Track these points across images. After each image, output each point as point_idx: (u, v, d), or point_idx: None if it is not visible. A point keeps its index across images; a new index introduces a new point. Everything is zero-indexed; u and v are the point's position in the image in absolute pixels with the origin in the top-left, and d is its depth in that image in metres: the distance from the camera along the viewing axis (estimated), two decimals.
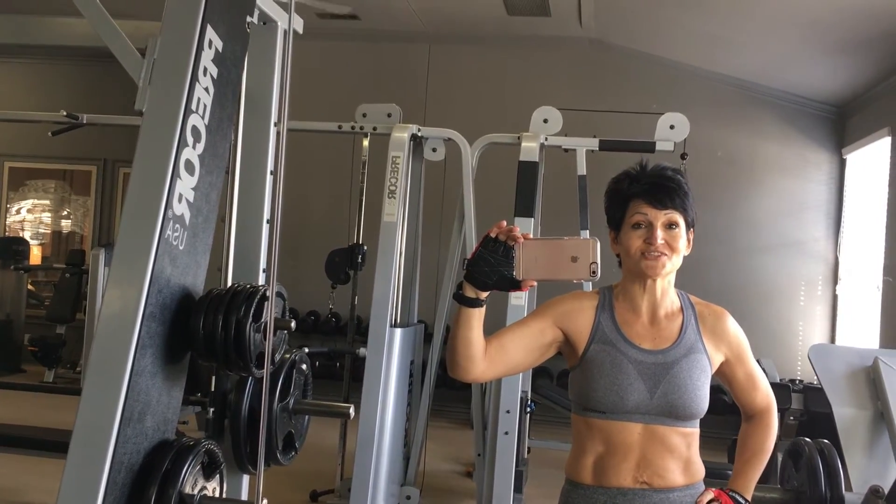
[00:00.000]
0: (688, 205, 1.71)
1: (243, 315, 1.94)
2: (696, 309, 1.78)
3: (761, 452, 1.81)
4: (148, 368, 1.83)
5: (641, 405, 1.67)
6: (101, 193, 9.26)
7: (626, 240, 1.71)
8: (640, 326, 1.74)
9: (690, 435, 1.72)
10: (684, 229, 1.71)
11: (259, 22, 2.42)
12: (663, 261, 1.68)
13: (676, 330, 1.73)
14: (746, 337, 1.82)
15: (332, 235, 5.74)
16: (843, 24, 5.57)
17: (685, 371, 1.69)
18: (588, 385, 1.71)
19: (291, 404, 2.40)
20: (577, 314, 1.76)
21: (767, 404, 1.81)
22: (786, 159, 7.38)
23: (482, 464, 4.13)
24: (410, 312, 4.48)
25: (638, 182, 1.72)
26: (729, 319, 1.79)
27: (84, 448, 1.71)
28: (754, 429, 1.82)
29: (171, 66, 1.92)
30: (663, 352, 1.71)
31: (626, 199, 1.72)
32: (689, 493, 1.71)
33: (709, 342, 1.75)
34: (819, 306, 7.33)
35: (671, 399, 1.67)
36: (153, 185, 1.86)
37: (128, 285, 1.80)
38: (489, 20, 7.02)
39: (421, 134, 4.25)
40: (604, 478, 1.71)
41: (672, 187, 1.69)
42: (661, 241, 1.68)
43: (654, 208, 1.68)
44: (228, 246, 2.36)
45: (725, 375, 1.80)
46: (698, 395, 1.69)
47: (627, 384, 1.68)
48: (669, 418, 1.68)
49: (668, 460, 1.69)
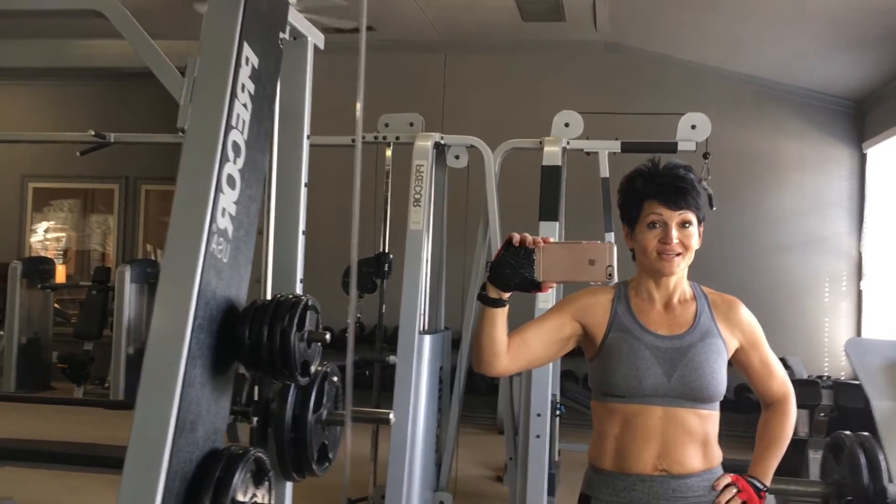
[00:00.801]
0: (700, 203, 1.78)
1: (287, 325, 1.98)
2: (709, 298, 1.85)
3: (780, 440, 1.84)
4: (198, 379, 1.87)
5: (660, 388, 1.74)
6: (123, 211, 9.38)
7: (642, 238, 1.78)
8: (655, 314, 1.81)
9: (709, 417, 1.77)
10: (696, 225, 1.78)
11: (290, 37, 2.47)
12: (678, 259, 1.76)
13: (691, 316, 1.80)
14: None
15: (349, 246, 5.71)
16: (860, 20, 5.58)
17: (702, 354, 1.75)
18: (607, 371, 1.78)
19: (325, 415, 2.44)
20: (595, 308, 1.84)
21: (785, 392, 1.87)
22: (806, 156, 7.37)
23: (514, 468, 4.15)
24: (438, 319, 4.51)
25: (652, 182, 1.79)
26: (741, 307, 1.86)
27: (140, 459, 1.75)
28: (772, 416, 1.86)
29: (211, 84, 1.97)
30: (679, 337, 1.77)
31: (640, 198, 1.79)
32: (707, 478, 1.76)
33: (723, 327, 1.81)
34: (844, 302, 7.30)
35: (688, 381, 1.73)
36: (198, 201, 1.90)
37: (177, 298, 1.84)
38: (504, 27, 7.07)
39: (444, 142, 4.29)
40: (624, 464, 1.77)
41: (685, 188, 1.77)
42: (677, 240, 1.75)
43: (668, 209, 1.75)
44: (267, 257, 2.40)
45: (741, 363, 1.86)
46: (715, 377, 1.74)
47: (645, 368, 1.74)
48: (688, 400, 1.74)
49: (688, 446, 1.74)
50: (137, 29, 2.04)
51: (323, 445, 2.42)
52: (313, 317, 2.10)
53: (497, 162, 4.30)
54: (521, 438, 4.05)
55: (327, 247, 6.98)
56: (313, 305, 2.09)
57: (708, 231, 1.85)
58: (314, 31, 2.52)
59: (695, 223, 1.77)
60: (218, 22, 2.02)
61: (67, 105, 9.14)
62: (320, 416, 2.39)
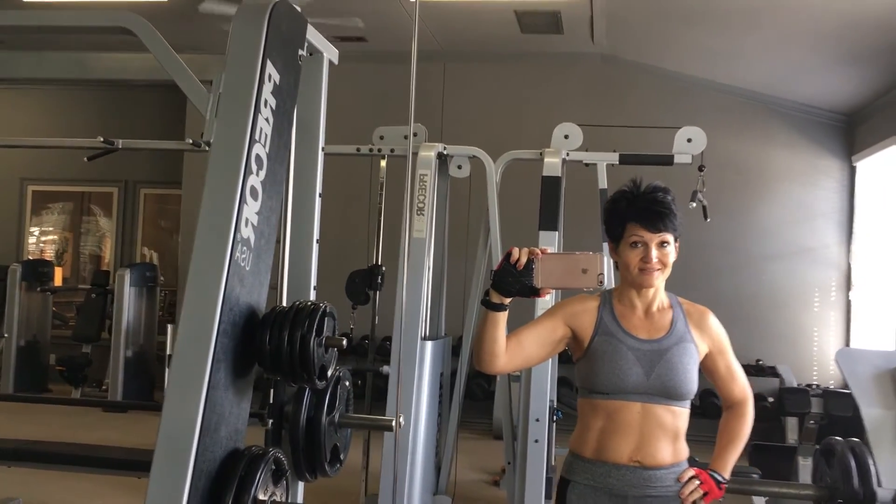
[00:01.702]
0: (676, 223, 1.99)
1: (307, 330, 2.07)
2: (683, 307, 2.07)
3: (738, 439, 2.06)
4: (222, 382, 1.96)
5: (639, 386, 1.95)
6: (122, 215, 9.44)
7: (625, 255, 2.00)
8: (636, 320, 2.03)
9: (680, 414, 1.99)
10: (673, 244, 2.00)
11: (307, 53, 2.56)
12: (657, 275, 1.98)
13: (668, 323, 2.02)
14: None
15: (345, 257, 5.71)
16: (851, 36, 5.71)
17: (677, 356, 1.97)
18: (593, 370, 2.00)
19: (337, 418, 2.53)
20: (583, 314, 2.05)
21: (745, 396, 2.09)
22: (796, 168, 7.50)
23: (512, 472, 4.23)
24: (438, 325, 4.60)
25: (633, 205, 1.99)
26: (712, 316, 2.09)
27: (169, 458, 1.84)
28: (732, 417, 2.08)
29: (237, 99, 2.06)
30: (657, 340, 1.99)
31: (623, 220, 2.00)
32: (674, 471, 1.98)
33: (696, 334, 2.03)
34: (833, 312, 7.42)
35: (665, 380, 1.95)
36: (224, 211, 1.99)
37: (203, 304, 1.93)
38: (503, 38, 7.17)
39: (447, 152, 4.38)
40: (603, 454, 1.99)
41: (663, 212, 1.97)
42: (656, 259, 1.97)
43: (648, 231, 1.97)
44: (283, 265, 2.49)
45: (708, 367, 2.07)
46: (688, 377, 1.97)
47: (627, 368, 1.96)
48: (664, 398, 1.96)
49: (661, 440, 1.97)
50: (165, 46, 2.13)
51: (335, 447, 2.51)
52: (331, 323, 2.19)
53: (498, 172, 4.40)
54: (520, 443, 4.13)
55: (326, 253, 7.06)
56: (331, 312, 2.18)
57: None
58: (329, 48, 2.61)
59: (672, 242, 1.99)
60: (243, 40, 2.11)
61: (66, 110, 9.21)
62: (333, 419, 2.48)
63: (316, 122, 2.59)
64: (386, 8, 6.49)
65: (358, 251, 5.97)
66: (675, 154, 4.39)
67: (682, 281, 1.99)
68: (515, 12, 6.50)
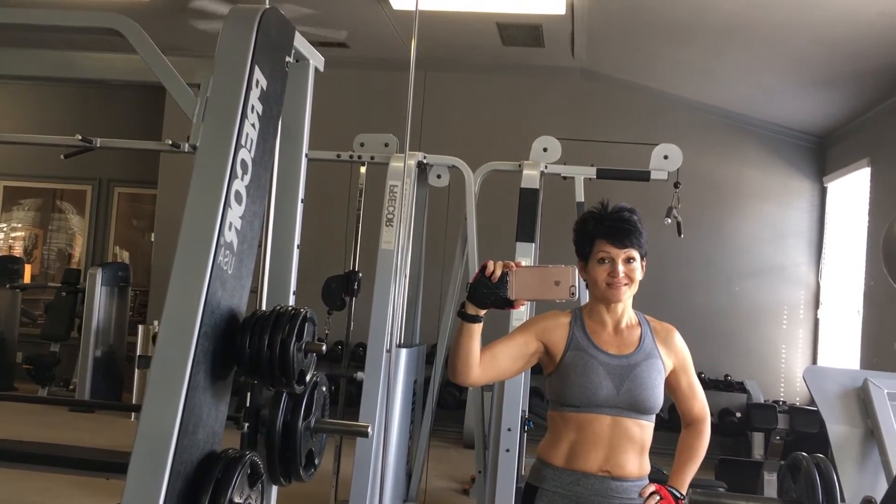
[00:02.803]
0: (642, 241, 2.07)
1: (287, 335, 2.08)
2: (651, 324, 2.15)
3: (696, 457, 2.14)
4: (201, 384, 1.96)
5: (609, 399, 2.02)
6: (95, 213, 9.35)
7: (593, 272, 2.08)
8: (606, 335, 2.10)
9: (647, 428, 2.07)
10: (639, 260, 2.07)
11: (294, 60, 2.57)
12: (624, 290, 2.05)
13: (636, 339, 2.10)
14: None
15: (323, 263, 5.69)
16: (825, 61, 5.83)
17: (645, 372, 2.05)
18: (565, 384, 2.06)
19: (313, 423, 2.54)
20: (555, 329, 2.12)
21: (703, 414, 2.16)
22: (769, 187, 7.63)
23: (483, 481, 4.26)
24: (413, 333, 4.62)
25: (601, 223, 2.08)
26: (677, 334, 2.17)
27: (146, 458, 1.84)
28: (690, 435, 2.16)
29: (224, 104, 2.07)
30: (626, 356, 2.07)
31: (591, 237, 2.09)
32: (639, 484, 2.06)
33: (662, 350, 2.11)
34: (801, 329, 7.55)
35: (634, 395, 2.02)
36: (208, 215, 2.00)
37: (185, 307, 1.94)
38: (484, 50, 7.23)
39: (427, 161, 4.41)
40: (574, 463, 2.05)
41: (629, 229, 2.06)
42: (622, 273, 2.04)
43: (615, 247, 2.05)
44: (264, 269, 2.50)
45: (671, 384, 2.14)
46: (656, 391, 2.05)
47: (598, 382, 2.03)
48: (632, 411, 2.03)
49: (629, 451, 2.04)
50: (153, 47, 2.14)
51: (310, 452, 2.52)
52: (311, 328, 2.20)
53: (477, 182, 4.44)
54: (491, 452, 4.16)
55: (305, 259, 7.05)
56: (311, 318, 2.19)
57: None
58: (316, 55, 2.63)
59: (638, 259, 2.06)
60: (232, 45, 2.12)
61: (42, 106, 9.12)
62: (309, 424, 2.49)
63: (300, 128, 2.60)
64: (368, 16, 6.52)
65: (336, 256, 5.97)
66: (651, 170, 4.45)
67: (655, 296, 2.06)
68: (497, 24, 6.55)
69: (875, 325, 6.06)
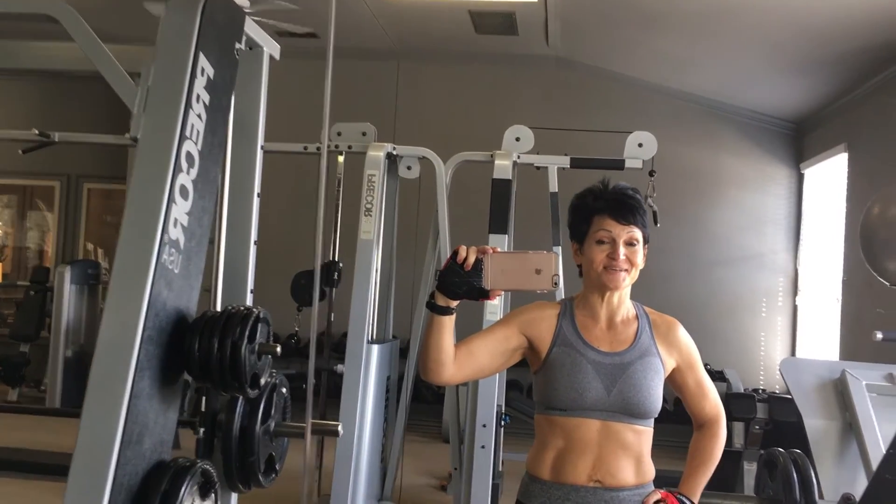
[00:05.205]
0: (646, 222, 1.86)
1: (238, 337, 1.98)
2: (650, 318, 1.92)
3: (710, 460, 1.92)
4: (146, 391, 1.86)
5: (599, 402, 1.80)
6: (64, 209, 9.16)
7: (590, 253, 1.85)
8: (598, 331, 1.87)
9: (644, 433, 1.84)
10: (642, 244, 1.85)
11: (246, 48, 2.46)
12: (623, 275, 1.83)
13: (632, 335, 1.87)
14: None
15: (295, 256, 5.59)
16: (800, 46, 5.77)
17: (640, 371, 1.82)
18: (550, 384, 1.83)
19: (272, 427, 2.43)
20: (540, 322, 1.89)
21: (717, 414, 1.94)
22: (746, 174, 7.58)
23: (459, 477, 4.18)
24: (386, 328, 4.52)
25: (602, 199, 1.86)
26: (680, 329, 1.93)
27: (85, 471, 1.74)
28: (703, 437, 1.94)
29: (166, 94, 1.96)
30: (619, 354, 1.84)
31: (590, 214, 1.86)
32: (639, 493, 1.82)
33: (662, 347, 1.88)
34: (780, 317, 7.52)
35: (627, 397, 1.80)
36: (150, 211, 1.89)
37: (126, 309, 1.83)
38: (457, 38, 7.11)
39: (396, 152, 4.31)
40: (561, 475, 1.82)
41: (633, 205, 1.85)
42: (623, 257, 1.82)
43: (617, 223, 1.82)
44: (217, 267, 2.39)
45: (676, 382, 1.93)
46: (652, 394, 1.81)
47: (586, 383, 1.80)
48: (625, 415, 1.80)
49: (622, 459, 1.81)
50: (90, 35, 2.02)
51: (270, 457, 2.42)
52: (264, 329, 2.10)
53: (448, 174, 4.33)
54: (467, 448, 4.08)
55: (276, 252, 6.93)
56: (265, 318, 2.09)
57: (650, 245, 1.92)
58: (270, 42, 2.52)
59: (641, 242, 1.84)
60: (174, 32, 2.01)
61: (7, 101, 8.91)
62: (268, 428, 2.38)
63: (255, 119, 2.49)
64: (340, 5, 6.38)
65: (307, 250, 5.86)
66: (626, 159, 4.37)
67: (633, 286, 1.90)
68: (470, 12, 6.44)
69: (853, 312, 6.03)
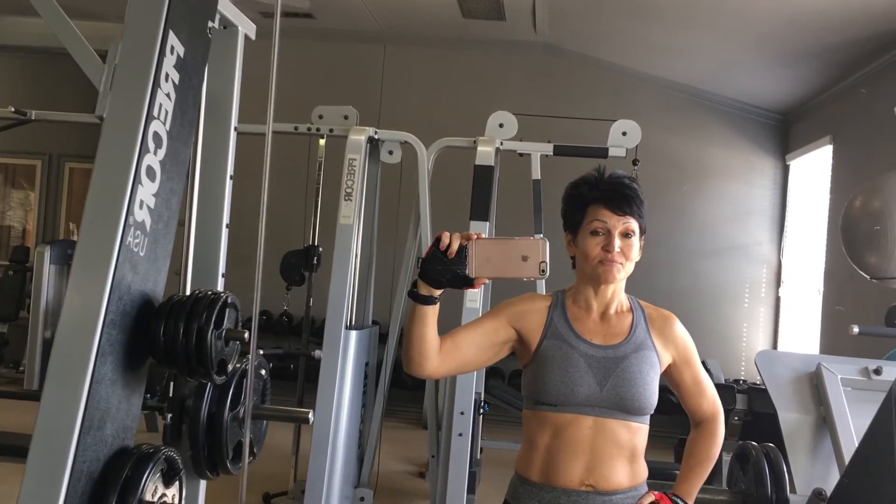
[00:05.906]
0: (643, 212, 1.78)
1: (205, 322, 1.94)
2: (645, 311, 1.85)
3: (707, 460, 1.85)
4: (108, 376, 1.82)
5: (591, 397, 1.73)
6: (45, 188, 9.06)
7: (584, 245, 1.77)
8: (591, 323, 1.80)
9: (638, 431, 1.76)
10: (638, 236, 1.78)
11: (220, 26, 2.41)
12: (618, 268, 1.76)
13: (626, 328, 1.80)
14: (693, 339, 1.89)
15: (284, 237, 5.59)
16: (787, 37, 5.75)
17: (635, 366, 1.75)
18: (540, 379, 1.76)
19: (241, 413, 2.39)
20: (531, 314, 1.82)
21: (714, 412, 1.87)
22: (732, 165, 7.58)
23: (436, 465, 4.16)
24: (365, 314, 4.49)
25: (597, 188, 1.78)
26: (677, 323, 1.87)
27: (43, 457, 1.70)
28: (700, 437, 1.87)
29: (133, 72, 1.91)
30: (613, 347, 1.77)
31: (585, 203, 1.79)
32: (632, 496, 1.76)
33: (658, 342, 1.81)
34: (763, 308, 7.54)
35: (620, 392, 1.72)
36: (114, 192, 1.84)
37: (88, 293, 1.78)
38: (444, 22, 7.05)
39: (378, 137, 4.26)
40: (551, 477, 1.75)
41: (630, 195, 1.76)
42: (618, 249, 1.74)
43: (613, 214, 1.75)
44: (188, 250, 2.35)
45: (673, 378, 1.86)
46: (647, 389, 1.74)
47: (578, 377, 1.73)
48: (619, 412, 1.73)
49: (616, 460, 1.74)
50: (56, 9, 1.96)
51: (239, 443, 2.38)
52: (232, 314, 2.06)
53: (431, 159, 4.30)
54: (444, 436, 4.06)
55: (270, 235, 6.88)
56: (233, 303, 2.05)
57: None
58: (245, 21, 2.46)
59: (637, 234, 1.77)
60: (142, 8, 1.95)
61: None
62: (237, 414, 2.35)
63: (229, 99, 2.43)
64: None
65: (297, 230, 5.83)
66: (609, 147, 4.35)
67: None
68: None
69: (834, 304, 6.05)
